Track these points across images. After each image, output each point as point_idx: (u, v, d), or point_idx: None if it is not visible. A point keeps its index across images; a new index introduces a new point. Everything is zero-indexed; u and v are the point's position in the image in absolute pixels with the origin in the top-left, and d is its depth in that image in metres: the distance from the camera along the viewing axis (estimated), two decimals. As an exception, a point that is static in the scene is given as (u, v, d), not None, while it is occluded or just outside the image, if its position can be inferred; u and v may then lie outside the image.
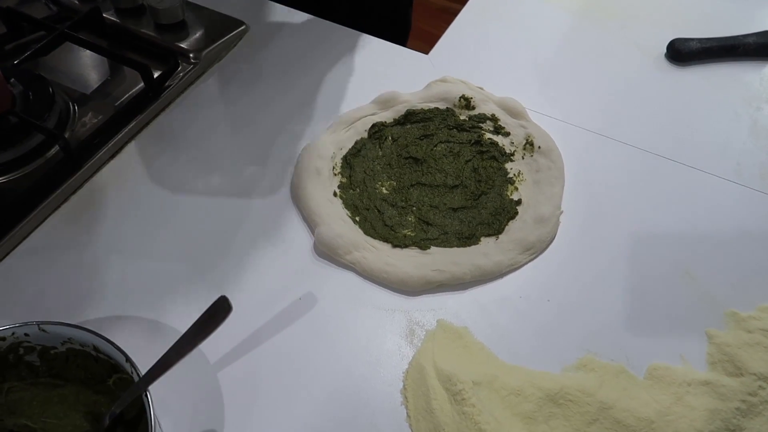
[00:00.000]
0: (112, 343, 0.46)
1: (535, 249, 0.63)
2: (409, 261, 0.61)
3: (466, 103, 0.75)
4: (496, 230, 0.64)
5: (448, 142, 0.72)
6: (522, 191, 0.68)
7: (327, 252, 0.62)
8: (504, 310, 0.59)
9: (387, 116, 0.74)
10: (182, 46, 0.80)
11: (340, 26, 0.85)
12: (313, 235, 0.63)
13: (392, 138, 0.72)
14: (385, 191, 0.68)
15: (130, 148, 0.71)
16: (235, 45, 0.83)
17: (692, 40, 0.83)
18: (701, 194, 0.69)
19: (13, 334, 0.47)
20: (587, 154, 0.72)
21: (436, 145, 0.71)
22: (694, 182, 0.70)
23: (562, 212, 0.66)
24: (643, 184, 0.70)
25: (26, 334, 0.48)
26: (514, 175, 0.69)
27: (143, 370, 0.45)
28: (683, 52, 0.83)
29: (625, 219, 0.66)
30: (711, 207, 0.68)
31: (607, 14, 0.91)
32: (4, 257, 0.61)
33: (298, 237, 0.64)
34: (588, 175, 0.70)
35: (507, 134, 0.73)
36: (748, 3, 0.93)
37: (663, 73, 0.83)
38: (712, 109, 0.78)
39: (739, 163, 0.72)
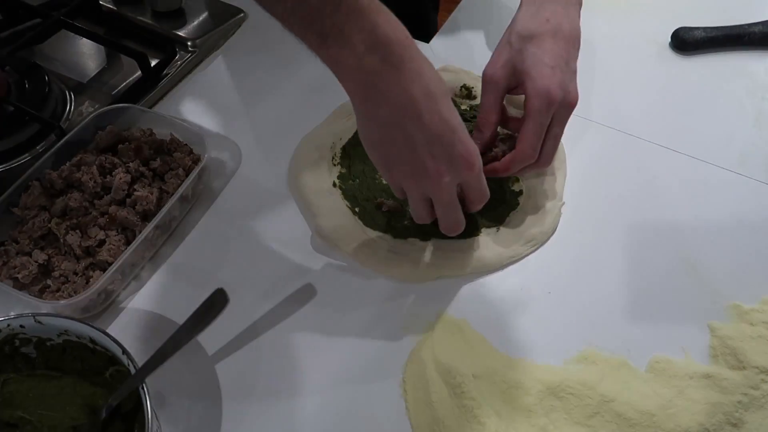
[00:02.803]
0: (109, 335, 0.46)
1: (537, 241, 0.62)
2: (409, 252, 0.60)
3: (467, 92, 0.74)
4: (497, 222, 0.63)
5: (449, 132, 0.71)
6: (523, 182, 0.67)
7: (326, 244, 0.61)
8: (505, 303, 0.59)
9: (387, 106, 0.73)
10: (180, 33, 0.80)
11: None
12: (312, 226, 0.62)
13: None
14: (384, 182, 0.67)
15: (128, 138, 0.70)
16: (233, 33, 0.82)
17: (697, 29, 0.82)
18: (705, 185, 0.68)
19: (8, 325, 0.47)
20: (589, 145, 0.71)
21: (436, 136, 0.70)
22: (697, 173, 0.69)
23: (563, 204, 0.65)
24: (646, 175, 0.69)
25: (22, 326, 0.47)
26: (516, 165, 0.68)
27: (140, 362, 0.45)
28: (688, 42, 0.81)
29: (628, 210, 0.66)
30: (714, 198, 0.67)
31: (611, 3, 0.89)
32: (0, 248, 0.60)
33: (297, 228, 0.63)
34: (590, 166, 0.69)
35: (508, 124, 0.72)
36: (754, -9, 0.91)
37: (667, 63, 0.82)
38: (717, 100, 0.77)
39: (743, 154, 0.71)
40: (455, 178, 0.50)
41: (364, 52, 0.44)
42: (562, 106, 0.56)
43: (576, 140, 0.70)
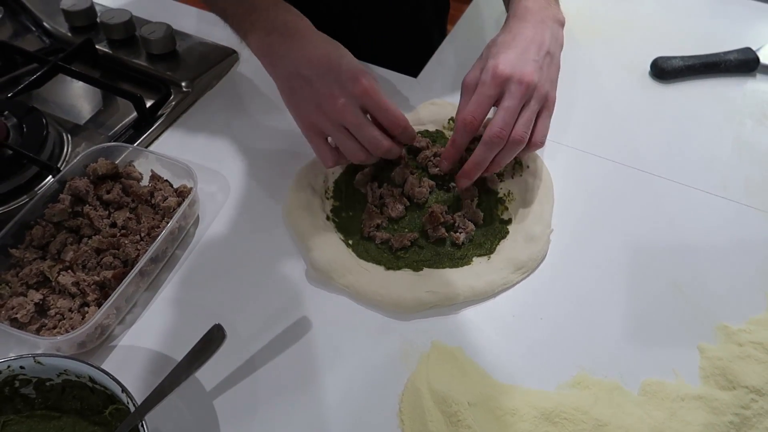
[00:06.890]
0: (108, 374, 0.46)
1: (527, 268, 0.63)
2: (402, 283, 0.61)
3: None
4: (488, 250, 0.65)
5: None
6: (512, 211, 0.68)
7: (321, 276, 0.62)
8: (497, 330, 0.60)
9: (377, 139, 0.74)
10: (174, 75, 0.81)
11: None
12: (307, 259, 0.64)
13: (383, 161, 0.73)
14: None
15: (124, 177, 0.71)
16: (226, 73, 0.84)
17: (675, 58, 0.85)
18: (688, 209, 0.70)
19: (8, 367, 0.48)
20: (575, 172, 0.73)
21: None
22: (680, 197, 0.71)
23: (552, 230, 0.67)
24: (631, 201, 0.71)
25: (22, 367, 0.48)
26: (504, 195, 0.70)
27: (139, 399, 0.46)
28: (666, 70, 0.84)
29: (614, 235, 0.67)
30: (698, 221, 0.69)
31: (592, 33, 0.92)
32: None
33: (292, 261, 0.64)
34: (576, 193, 0.71)
35: (496, 154, 0.73)
36: (728, 21, 0.95)
37: (647, 91, 0.84)
38: (696, 125, 0.80)
39: (724, 177, 0.73)
40: (350, 97, 0.58)
41: (266, 33, 0.62)
42: (512, 81, 0.60)
43: (561, 168, 0.72)
